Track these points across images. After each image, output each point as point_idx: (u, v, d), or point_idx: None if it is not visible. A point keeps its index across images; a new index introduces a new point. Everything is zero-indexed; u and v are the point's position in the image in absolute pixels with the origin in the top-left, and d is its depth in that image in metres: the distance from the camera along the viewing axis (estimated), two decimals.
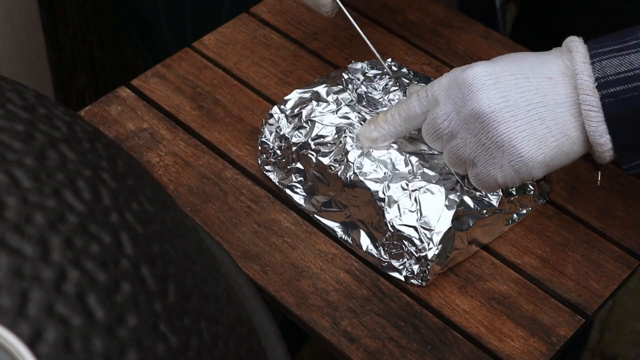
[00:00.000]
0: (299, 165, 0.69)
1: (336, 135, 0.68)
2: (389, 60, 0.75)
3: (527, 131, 0.60)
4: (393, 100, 0.71)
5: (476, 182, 0.64)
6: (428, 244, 0.64)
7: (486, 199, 0.66)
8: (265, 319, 0.44)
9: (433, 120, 0.63)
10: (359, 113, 0.69)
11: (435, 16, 0.86)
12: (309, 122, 0.69)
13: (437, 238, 0.64)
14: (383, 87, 0.72)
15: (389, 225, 0.64)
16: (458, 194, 0.65)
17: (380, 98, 0.71)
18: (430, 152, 0.67)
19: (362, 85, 0.72)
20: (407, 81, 0.73)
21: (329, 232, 0.68)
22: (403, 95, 0.71)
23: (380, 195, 0.65)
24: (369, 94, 0.71)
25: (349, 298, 0.65)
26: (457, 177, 0.66)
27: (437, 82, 0.63)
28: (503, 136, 0.60)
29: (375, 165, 0.66)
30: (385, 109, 0.69)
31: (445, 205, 0.64)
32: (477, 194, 0.66)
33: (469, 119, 0.61)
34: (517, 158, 0.60)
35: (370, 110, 0.69)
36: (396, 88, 0.72)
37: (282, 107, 0.71)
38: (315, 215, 0.69)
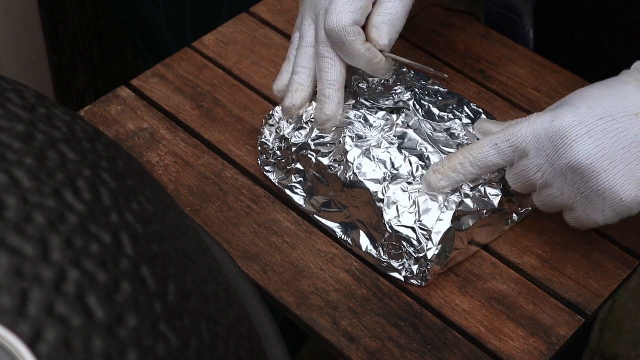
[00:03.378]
0: (299, 165, 0.69)
1: (335, 135, 0.68)
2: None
3: (626, 175, 0.60)
4: (395, 93, 0.70)
5: (574, 222, 0.64)
6: (427, 245, 0.64)
7: (486, 199, 0.66)
8: (265, 319, 0.44)
9: (523, 172, 0.63)
10: (358, 111, 0.69)
11: (435, 16, 0.86)
12: (309, 123, 0.69)
13: (436, 238, 0.64)
14: (384, 83, 0.72)
15: (387, 226, 0.64)
16: (458, 194, 0.65)
17: (381, 92, 0.71)
18: (430, 152, 0.67)
19: (364, 81, 0.72)
20: (408, 79, 0.73)
21: (329, 232, 0.68)
22: (405, 90, 0.71)
23: (380, 196, 0.65)
24: (371, 87, 0.71)
25: (349, 298, 0.65)
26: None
27: (519, 132, 0.62)
28: (604, 185, 0.60)
29: (375, 165, 0.66)
30: (440, 155, 0.66)
31: (445, 206, 0.64)
32: (477, 194, 0.66)
33: (565, 171, 0.61)
34: (619, 203, 0.60)
35: (372, 104, 0.69)
36: (398, 84, 0.72)
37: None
38: (315, 216, 0.69)
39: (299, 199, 0.70)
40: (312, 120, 0.69)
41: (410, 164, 0.66)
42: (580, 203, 0.62)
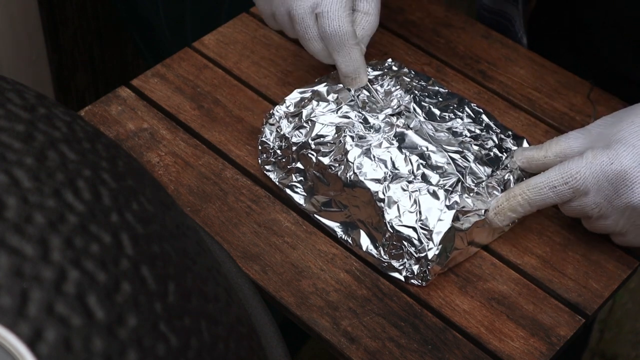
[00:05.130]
0: (299, 165, 0.69)
1: (336, 135, 0.68)
2: (389, 60, 0.75)
3: None
4: (392, 100, 0.71)
5: (623, 243, 0.67)
6: (428, 244, 0.64)
7: (486, 199, 0.66)
8: (265, 319, 0.44)
9: (580, 207, 0.65)
10: (359, 113, 0.69)
11: (435, 16, 0.86)
12: (309, 122, 0.69)
13: (437, 238, 0.64)
14: (385, 90, 0.72)
15: (388, 226, 0.64)
16: (458, 193, 0.65)
17: (383, 101, 0.71)
18: (430, 151, 0.67)
19: (364, 90, 0.72)
20: (408, 80, 0.73)
21: (329, 232, 0.68)
22: (405, 94, 0.71)
23: (380, 195, 0.65)
24: (372, 98, 0.71)
25: (349, 298, 0.65)
26: (459, 175, 0.66)
27: (578, 175, 0.63)
28: None
29: (375, 164, 0.66)
30: (494, 197, 0.66)
31: (446, 206, 0.64)
32: (477, 194, 0.66)
33: (624, 209, 0.63)
34: None
35: (373, 115, 0.69)
36: (397, 87, 0.72)
37: (282, 106, 0.71)
38: (315, 215, 0.69)
39: (299, 198, 0.70)
40: (312, 119, 0.69)
41: (411, 162, 0.66)
42: (634, 232, 0.65)
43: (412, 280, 0.65)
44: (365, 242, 0.66)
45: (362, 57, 0.70)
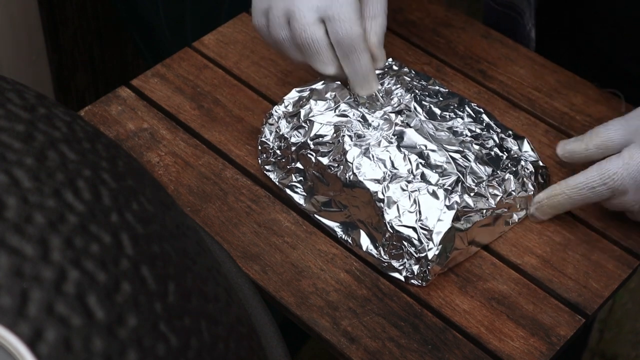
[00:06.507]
0: (298, 165, 0.69)
1: (334, 135, 0.68)
2: (390, 60, 0.75)
3: None
4: (393, 99, 0.71)
5: None
6: (428, 244, 0.64)
7: (486, 199, 0.66)
8: (265, 319, 0.44)
9: (620, 205, 0.67)
10: (357, 110, 0.69)
11: (435, 16, 0.86)
12: (307, 122, 0.69)
13: (437, 238, 0.64)
14: (385, 89, 0.72)
15: (388, 226, 0.64)
16: (458, 193, 0.65)
17: (383, 99, 0.71)
18: (430, 150, 0.67)
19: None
20: (408, 79, 0.73)
21: (329, 232, 0.68)
22: (405, 92, 0.71)
23: (380, 196, 0.65)
24: (372, 97, 0.71)
25: (349, 298, 0.65)
26: (459, 174, 0.66)
27: (615, 176, 0.64)
28: None
29: (375, 164, 0.66)
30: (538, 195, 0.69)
31: (446, 206, 0.64)
32: (477, 194, 0.66)
33: None
34: None
35: (371, 113, 0.69)
36: (398, 86, 0.72)
37: (281, 106, 0.71)
38: (315, 215, 0.69)
39: (299, 198, 0.70)
40: (310, 118, 0.69)
41: (410, 162, 0.66)
42: None
43: (412, 280, 0.65)
44: (365, 242, 0.66)
45: (371, 63, 0.69)
